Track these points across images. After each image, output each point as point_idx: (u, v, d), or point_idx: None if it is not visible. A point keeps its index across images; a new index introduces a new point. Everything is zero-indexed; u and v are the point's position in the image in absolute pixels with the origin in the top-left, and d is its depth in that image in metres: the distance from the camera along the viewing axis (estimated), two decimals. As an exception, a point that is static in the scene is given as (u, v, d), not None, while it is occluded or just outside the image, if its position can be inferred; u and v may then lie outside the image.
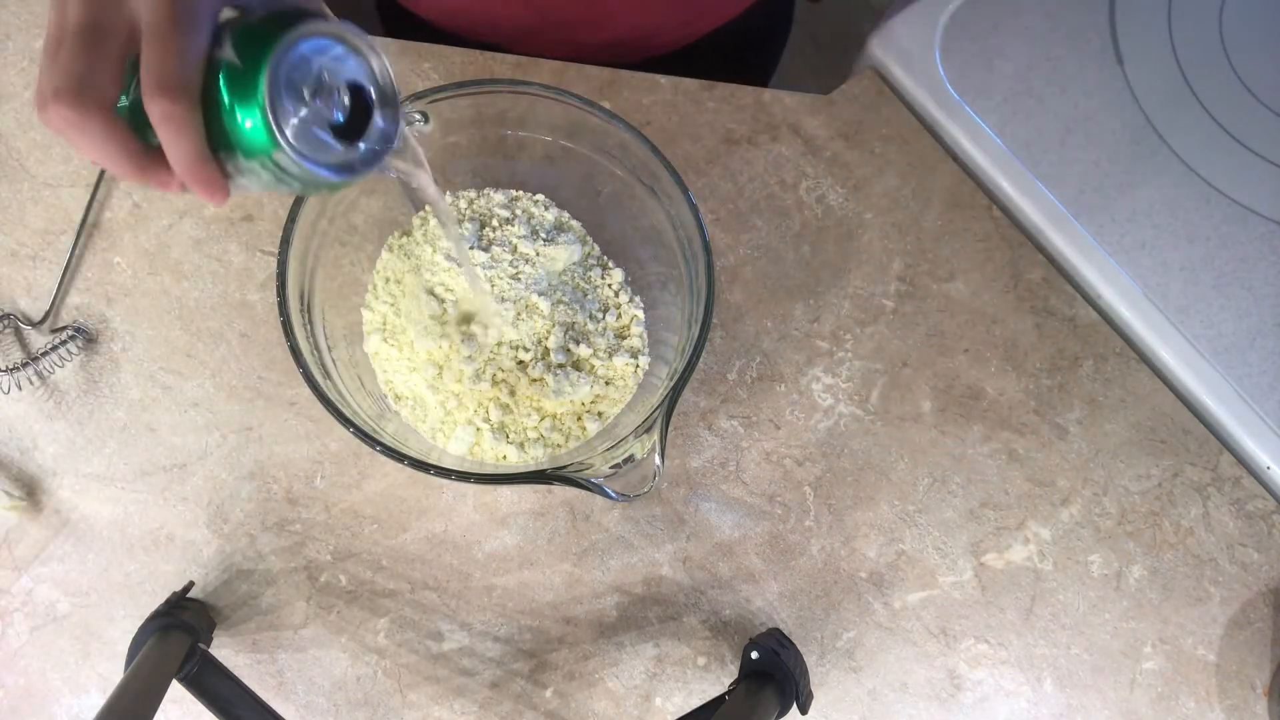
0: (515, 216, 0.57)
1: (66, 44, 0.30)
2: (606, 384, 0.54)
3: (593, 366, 0.54)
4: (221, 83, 0.31)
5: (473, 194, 0.58)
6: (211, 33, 0.31)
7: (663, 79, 0.64)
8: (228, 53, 0.31)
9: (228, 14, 0.33)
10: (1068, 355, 0.61)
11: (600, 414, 0.54)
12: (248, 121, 0.31)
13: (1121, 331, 0.62)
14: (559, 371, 0.53)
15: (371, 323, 0.55)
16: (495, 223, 0.57)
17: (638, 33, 0.69)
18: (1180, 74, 0.66)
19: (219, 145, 0.32)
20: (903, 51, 0.65)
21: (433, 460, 0.46)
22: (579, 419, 0.54)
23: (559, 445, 0.53)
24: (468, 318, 0.55)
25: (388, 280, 0.56)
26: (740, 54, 0.81)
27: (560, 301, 0.55)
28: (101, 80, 0.30)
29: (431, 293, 0.55)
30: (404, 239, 0.57)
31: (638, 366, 0.55)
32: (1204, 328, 0.61)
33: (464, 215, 0.57)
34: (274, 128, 0.31)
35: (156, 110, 0.30)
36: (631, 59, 0.70)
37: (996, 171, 0.63)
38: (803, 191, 0.63)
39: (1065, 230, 0.62)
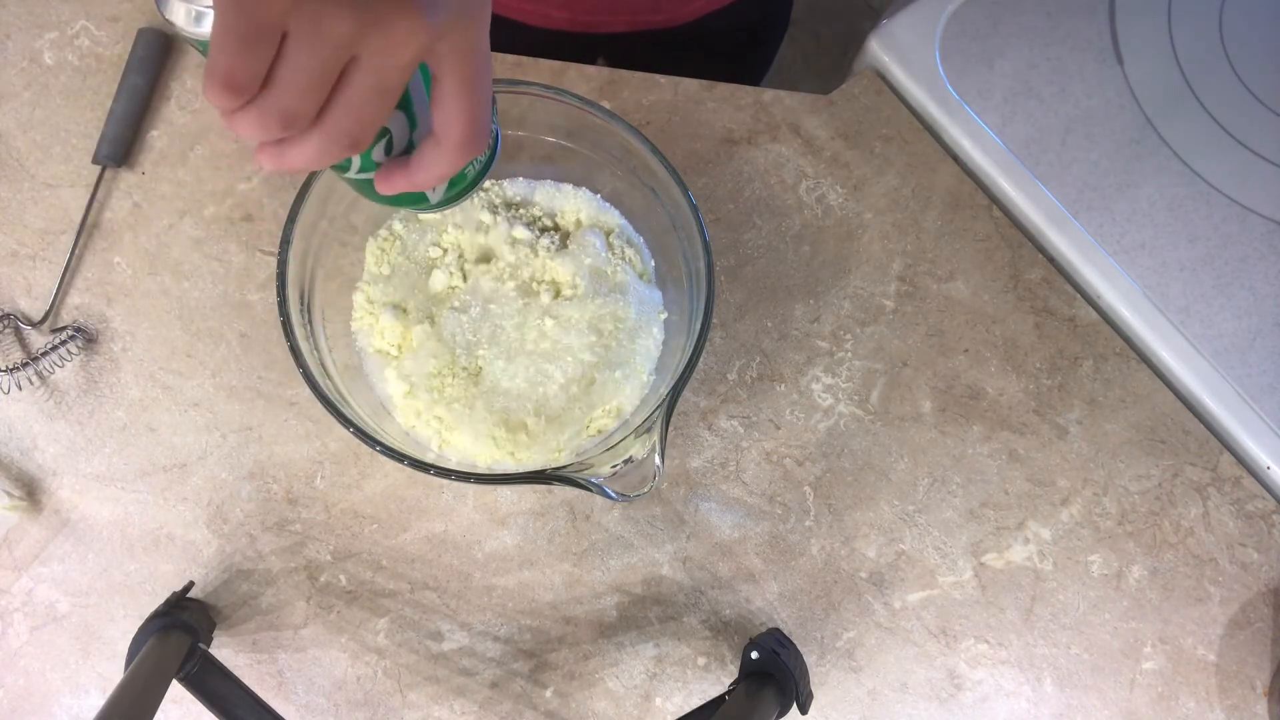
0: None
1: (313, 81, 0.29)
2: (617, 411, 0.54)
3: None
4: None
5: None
6: None
7: (663, 79, 0.64)
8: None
9: None
10: (1068, 355, 0.61)
11: (601, 429, 0.54)
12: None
13: (1121, 331, 0.62)
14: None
15: (375, 344, 0.55)
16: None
17: None
18: (1180, 74, 0.66)
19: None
20: (903, 51, 0.65)
21: (431, 459, 0.46)
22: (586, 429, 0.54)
23: (559, 450, 0.53)
24: (486, 255, 0.55)
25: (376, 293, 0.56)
26: (737, 45, 0.81)
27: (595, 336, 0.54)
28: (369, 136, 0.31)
29: (433, 264, 0.55)
30: (384, 241, 0.56)
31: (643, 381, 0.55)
32: (1204, 328, 0.61)
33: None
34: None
35: (461, 161, 0.34)
36: (630, 22, 0.69)
37: (996, 171, 0.63)
38: (803, 191, 0.63)
39: (1065, 230, 0.62)
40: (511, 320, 0.53)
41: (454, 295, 0.55)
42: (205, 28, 0.32)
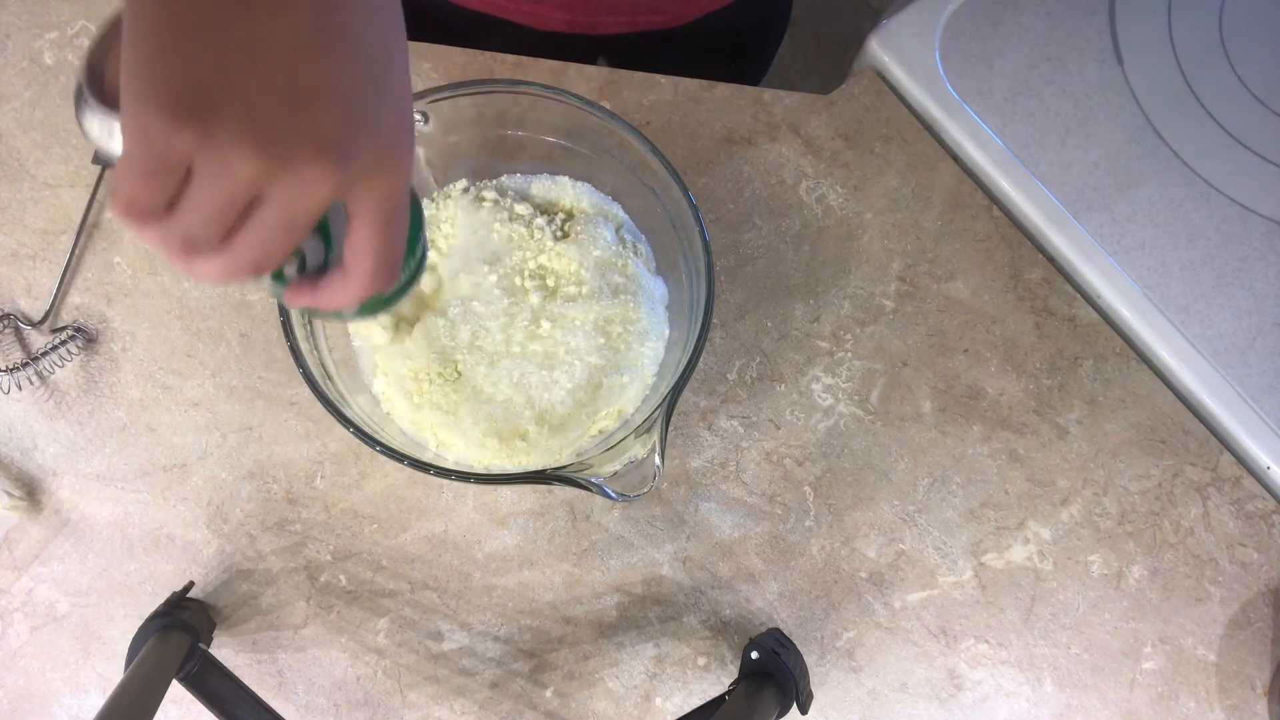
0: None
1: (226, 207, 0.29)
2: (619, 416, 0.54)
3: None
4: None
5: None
6: None
7: (663, 79, 0.64)
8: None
9: None
10: (1068, 355, 0.61)
11: (602, 430, 0.54)
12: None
13: (1121, 331, 0.62)
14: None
15: (368, 344, 0.55)
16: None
17: None
18: (1180, 74, 0.66)
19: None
20: (903, 51, 0.65)
21: (429, 459, 0.46)
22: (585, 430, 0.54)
23: (559, 451, 0.53)
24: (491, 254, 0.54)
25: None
26: (737, 45, 0.81)
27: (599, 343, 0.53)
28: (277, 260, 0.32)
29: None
30: None
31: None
32: (1204, 328, 0.61)
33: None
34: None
35: (367, 293, 0.34)
36: (629, 24, 0.69)
37: (996, 171, 0.63)
38: (803, 191, 0.63)
39: (1065, 230, 0.62)
40: (496, 322, 0.52)
41: (438, 296, 0.54)
42: (116, 146, 0.32)
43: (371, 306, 0.39)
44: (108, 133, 0.33)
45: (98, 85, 0.33)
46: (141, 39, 0.27)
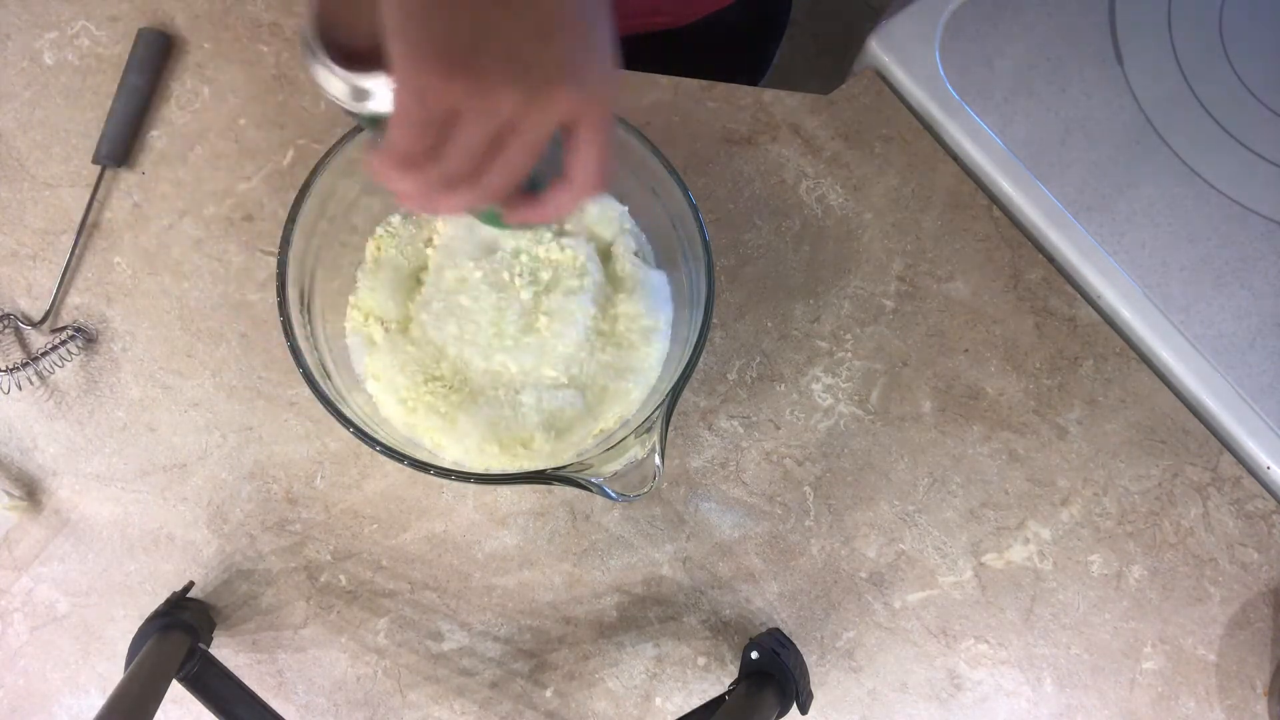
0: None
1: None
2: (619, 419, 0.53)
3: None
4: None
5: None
6: None
7: (663, 79, 0.64)
8: None
9: None
10: (1068, 355, 0.61)
11: (603, 430, 0.54)
12: None
13: (1121, 331, 0.62)
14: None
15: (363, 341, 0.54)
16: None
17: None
18: (1180, 74, 0.66)
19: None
20: (903, 51, 0.65)
21: (425, 458, 0.46)
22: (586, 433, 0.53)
23: (560, 455, 0.53)
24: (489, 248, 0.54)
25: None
26: (737, 45, 0.81)
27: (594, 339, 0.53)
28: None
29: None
30: (380, 238, 0.55)
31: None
32: (1204, 328, 0.61)
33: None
34: None
35: (584, 200, 0.37)
36: (629, 25, 0.69)
37: (996, 171, 0.63)
38: (803, 191, 0.63)
39: (1065, 230, 0.62)
40: (486, 316, 0.51)
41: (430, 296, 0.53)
42: (367, 104, 0.35)
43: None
44: (352, 95, 0.35)
45: (330, 45, 0.35)
46: (406, 10, 0.29)
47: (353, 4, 0.35)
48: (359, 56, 0.35)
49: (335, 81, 0.35)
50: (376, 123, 0.37)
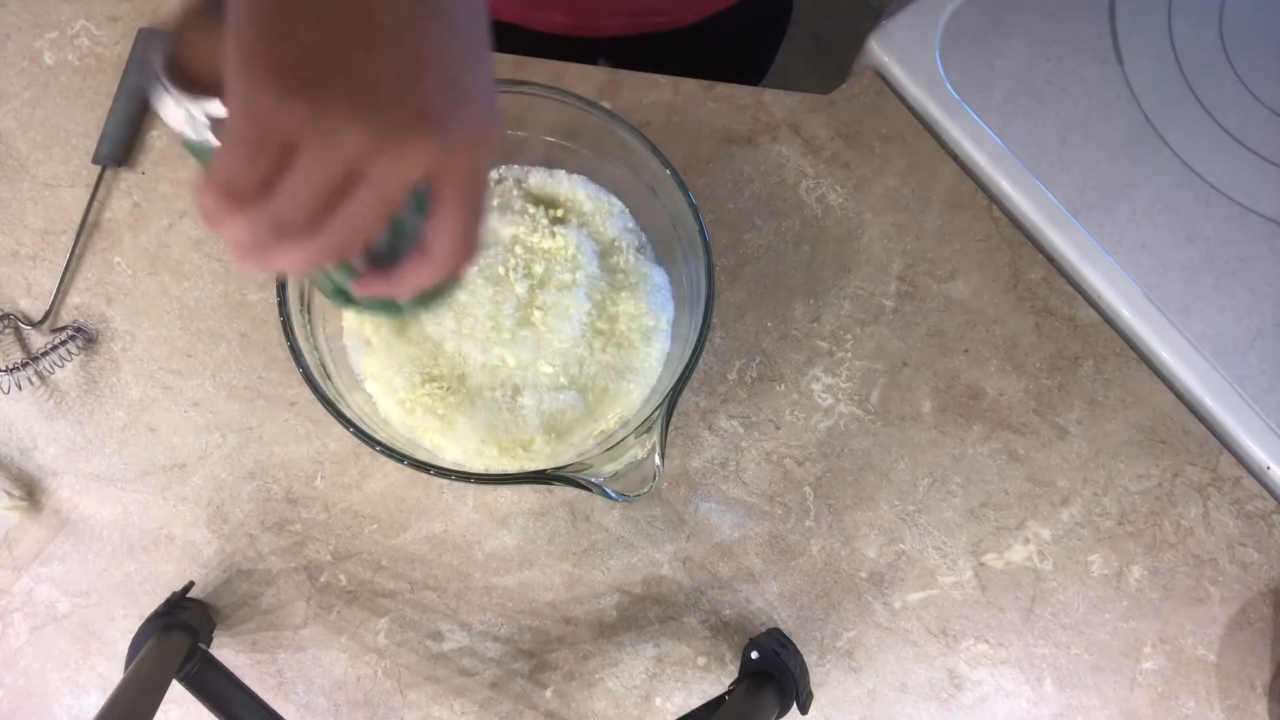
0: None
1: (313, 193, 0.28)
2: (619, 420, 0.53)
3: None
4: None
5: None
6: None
7: (663, 79, 0.64)
8: None
9: None
10: (1068, 355, 0.61)
11: (603, 430, 0.54)
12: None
13: (1121, 331, 0.62)
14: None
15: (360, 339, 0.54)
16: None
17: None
18: (1180, 74, 0.66)
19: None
20: (903, 51, 0.65)
21: (424, 458, 0.46)
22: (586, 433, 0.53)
23: (560, 456, 0.53)
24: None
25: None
26: (737, 45, 0.81)
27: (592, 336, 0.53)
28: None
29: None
30: None
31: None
32: (1204, 328, 0.61)
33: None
34: None
35: (448, 274, 0.33)
36: (630, 25, 0.69)
37: (996, 171, 0.63)
38: (803, 191, 0.63)
39: (1065, 230, 0.62)
40: (483, 309, 0.51)
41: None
42: (207, 135, 0.31)
43: (428, 299, 0.39)
44: (188, 120, 0.31)
45: (175, 72, 0.31)
46: (250, 15, 0.26)
47: (214, 29, 0.29)
48: (207, 84, 0.30)
49: (171, 106, 0.31)
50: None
